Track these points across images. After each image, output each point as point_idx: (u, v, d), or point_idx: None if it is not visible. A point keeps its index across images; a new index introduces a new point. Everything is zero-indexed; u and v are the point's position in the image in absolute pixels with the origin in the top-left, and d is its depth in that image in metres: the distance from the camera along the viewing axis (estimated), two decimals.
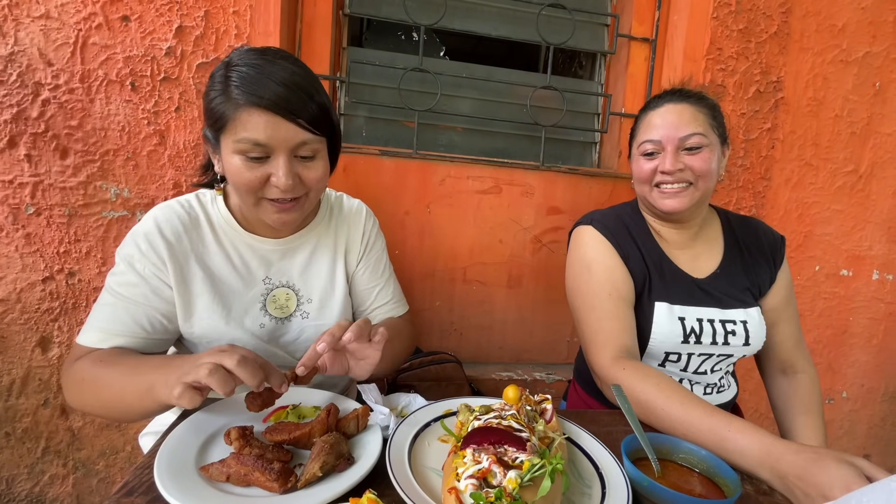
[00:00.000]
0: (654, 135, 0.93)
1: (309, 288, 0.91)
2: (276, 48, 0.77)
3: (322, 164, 0.79)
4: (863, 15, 1.51)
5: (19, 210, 1.18)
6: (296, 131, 0.72)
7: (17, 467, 1.29)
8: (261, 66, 0.71)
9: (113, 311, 0.77)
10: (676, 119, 0.92)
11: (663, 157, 0.93)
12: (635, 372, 0.81)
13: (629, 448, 0.62)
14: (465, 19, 1.48)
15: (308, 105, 0.73)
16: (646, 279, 0.96)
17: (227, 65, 0.73)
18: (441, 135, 1.52)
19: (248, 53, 0.74)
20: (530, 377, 1.48)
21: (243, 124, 0.71)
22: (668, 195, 0.94)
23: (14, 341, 1.22)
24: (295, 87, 0.72)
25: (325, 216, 0.96)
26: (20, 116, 1.14)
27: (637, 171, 0.99)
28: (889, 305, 1.72)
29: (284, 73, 0.72)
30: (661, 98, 0.97)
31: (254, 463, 0.53)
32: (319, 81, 0.78)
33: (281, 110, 0.70)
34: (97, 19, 1.15)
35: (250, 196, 0.77)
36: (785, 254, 1.05)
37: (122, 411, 0.70)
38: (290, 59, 0.75)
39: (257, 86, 0.70)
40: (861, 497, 0.39)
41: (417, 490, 0.52)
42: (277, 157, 0.73)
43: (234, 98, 0.70)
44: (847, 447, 1.81)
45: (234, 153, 0.73)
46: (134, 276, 0.78)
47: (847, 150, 1.59)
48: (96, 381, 0.70)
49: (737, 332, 0.95)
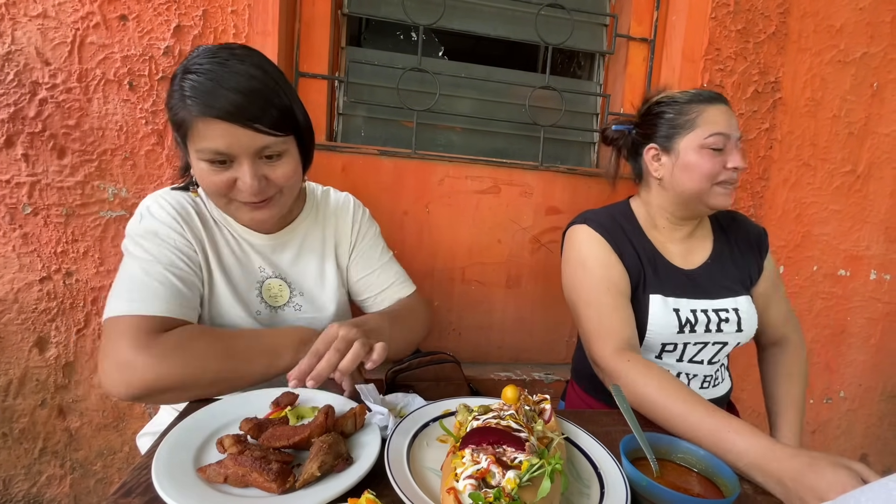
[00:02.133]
0: (723, 129, 0.93)
1: (299, 282, 0.92)
2: (236, 48, 0.74)
3: (290, 162, 0.78)
4: (860, 15, 1.51)
5: (16, 210, 1.17)
6: (255, 137, 0.71)
7: (15, 468, 1.28)
8: (214, 74, 0.69)
9: (147, 279, 0.75)
10: (730, 118, 0.95)
11: (728, 153, 0.93)
12: (638, 365, 0.81)
13: (628, 448, 0.62)
14: (464, 19, 1.47)
15: (267, 109, 0.71)
16: (640, 274, 0.97)
17: (184, 70, 0.71)
18: (440, 135, 1.52)
19: (203, 57, 0.71)
20: (529, 377, 1.48)
21: (201, 134, 0.70)
22: (728, 191, 0.95)
23: (11, 341, 1.22)
24: (251, 92, 0.69)
25: (311, 212, 0.96)
26: (17, 116, 1.14)
27: (700, 167, 0.94)
28: (886, 305, 1.73)
29: (240, 78, 0.69)
30: (715, 96, 0.96)
31: (252, 463, 0.53)
32: (282, 79, 0.76)
33: (237, 119, 0.69)
34: (95, 18, 1.14)
35: (220, 199, 0.77)
36: (768, 243, 1.10)
37: (241, 377, 0.73)
38: (248, 60, 0.72)
39: (211, 96, 0.68)
40: (860, 497, 0.39)
41: (416, 490, 0.52)
42: (241, 161, 0.73)
43: (189, 108, 0.69)
44: (844, 447, 1.82)
45: (198, 160, 0.73)
46: (163, 245, 0.78)
47: (845, 150, 1.59)
48: (212, 346, 0.72)
49: (730, 320, 0.98)
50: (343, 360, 0.69)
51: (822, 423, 1.78)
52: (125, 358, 0.67)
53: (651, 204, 1.05)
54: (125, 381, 0.67)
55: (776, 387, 1.09)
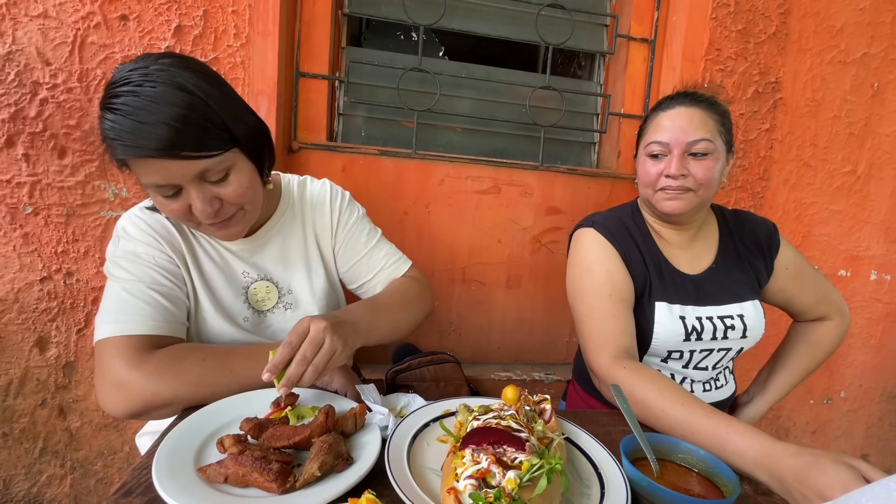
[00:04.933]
0: (662, 136, 0.93)
1: (287, 279, 0.91)
2: (151, 63, 0.66)
3: (240, 178, 0.72)
4: (861, 16, 1.51)
5: (17, 210, 1.17)
6: (190, 164, 0.66)
7: (15, 468, 1.29)
8: (131, 109, 0.62)
9: (132, 299, 0.74)
10: (686, 123, 0.91)
11: (669, 161, 0.92)
12: (635, 372, 0.81)
13: (628, 448, 0.62)
14: (465, 19, 1.47)
15: (196, 135, 0.65)
16: (646, 280, 0.97)
17: (103, 106, 0.65)
18: (440, 135, 1.52)
19: (120, 86, 0.64)
20: (529, 377, 1.48)
21: (137, 171, 0.67)
22: (670, 197, 0.94)
23: (12, 341, 1.22)
24: (175, 121, 0.63)
25: (287, 206, 0.93)
26: (18, 116, 1.14)
27: (642, 174, 0.98)
28: (887, 306, 1.72)
29: (160, 109, 0.62)
30: (673, 99, 0.96)
31: (252, 463, 0.53)
32: (209, 89, 0.67)
33: (165, 154, 0.63)
34: (95, 18, 1.14)
35: (187, 222, 0.75)
36: (779, 238, 1.06)
37: (236, 393, 0.72)
38: (167, 80, 0.64)
39: (132, 136, 0.62)
40: (860, 497, 0.39)
41: (416, 490, 0.52)
42: (187, 189, 0.69)
43: (115, 150, 0.65)
44: (845, 447, 1.82)
45: (148, 191, 0.71)
46: (143, 265, 0.77)
47: (845, 150, 1.59)
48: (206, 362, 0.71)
49: (735, 327, 0.97)
50: (316, 357, 0.66)
51: (822, 423, 1.78)
52: (119, 377, 0.68)
53: (643, 210, 1.07)
54: (122, 400, 0.68)
55: (784, 346, 1.14)
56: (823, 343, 1.10)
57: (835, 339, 1.10)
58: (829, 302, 1.09)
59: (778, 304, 1.10)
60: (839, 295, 1.10)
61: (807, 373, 1.12)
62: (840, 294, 1.10)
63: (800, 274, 1.06)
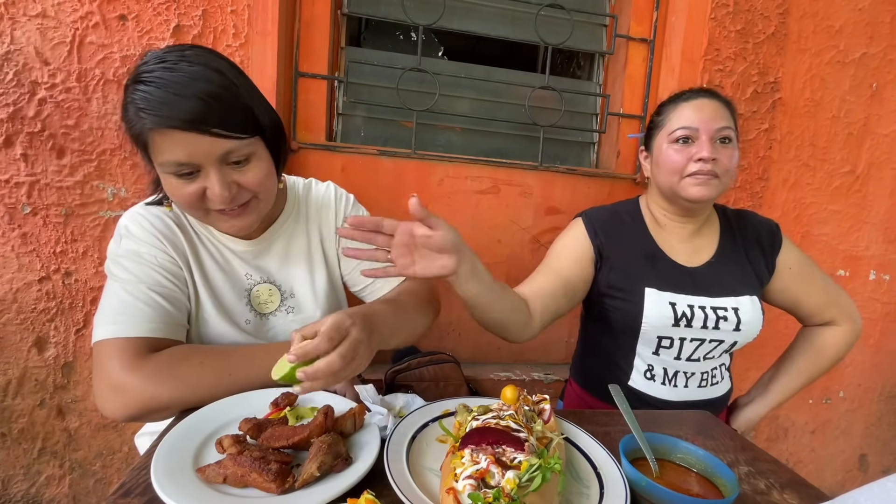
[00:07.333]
0: (690, 122, 0.94)
1: (290, 282, 0.91)
2: (187, 49, 0.69)
3: (260, 165, 0.73)
4: (860, 16, 1.51)
5: (15, 210, 1.17)
6: (217, 143, 0.67)
7: (14, 468, 1.28)
8: (165, 81, 0.64)
9: (132, 300, 0.74)
10: (711, 112, 0.94)
11: (700, 144, 0.93)
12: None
13: (627, 448, 0.62)
14: (464, 19, 1.47)
15: (225, 112, 0.67)
16: (634, 269, 1.00)
17: (133, 81, 0.67)
18: (439, 135, 1.52)
19: (152, 64, 0.66)
20: (528, 377, 1.48)
21: (160, 147, 0.67)
22: (699, 182, 0.94)
23: (10, 341, 1.22)
24: (206, 96, 0.65)
25: (293, 208, 0.93)
26: (16, 115, 1.14)
27: (667, 162, 0.97)
28: (886, 305, 1.73)
29: (195, 84, 0.65)
30: (693, 92, 0.98)
31: (251, 464, 0.53)
32: (240, 77, 0.72)
33: (194, 126, 0.64)
34: (94, 18, 1.14)
35: (196, 211, 0.74)
36: (782, 237, 1.06)
37: (226, 393, 0.71)
38: (200, 61, 0.67)
39: (164, 106, 0.64)
40: (858, 497, 0.39)
41: (415, 490, 0.52)
42: (207, 170, 0.69)
43: (143, 120, 0.65)
44: (844, 447, 1.82)
45: (163, 173, 0.70)
46: (145, 265, 0.76)
47: (844, 150, 1.59)
48: (205, 364, 0.71)
49: (728, 318, 0.97)
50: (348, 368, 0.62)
51: (821, 423, 1.78)
52: (117, 381, 0.68)
53: (651, 203, 1.07)
54: (121, 404, 0.68)
55: (789, 350, 1.13)
56: (829, 348, 1.07)
57: (842, 346, 1.07)
58: (837, 307, 1.07)
59: (784, 306, 1.09)
60: (851, 301, 1.08)
61: (811, 378, 1.10)
62: (852, 301, 1.08)
63: (805, 276, 1.06)
